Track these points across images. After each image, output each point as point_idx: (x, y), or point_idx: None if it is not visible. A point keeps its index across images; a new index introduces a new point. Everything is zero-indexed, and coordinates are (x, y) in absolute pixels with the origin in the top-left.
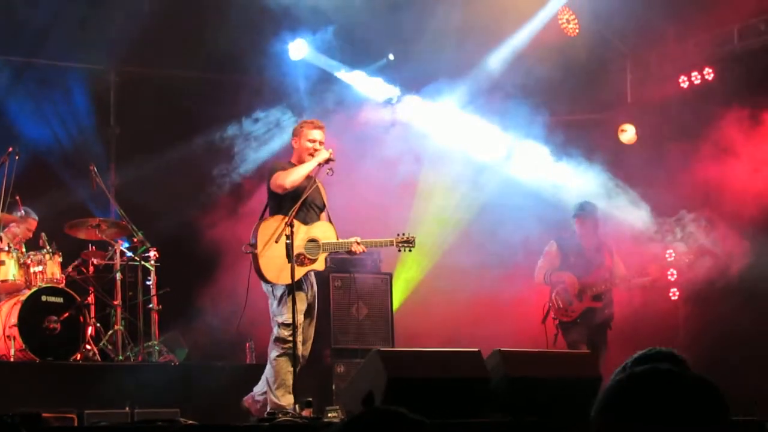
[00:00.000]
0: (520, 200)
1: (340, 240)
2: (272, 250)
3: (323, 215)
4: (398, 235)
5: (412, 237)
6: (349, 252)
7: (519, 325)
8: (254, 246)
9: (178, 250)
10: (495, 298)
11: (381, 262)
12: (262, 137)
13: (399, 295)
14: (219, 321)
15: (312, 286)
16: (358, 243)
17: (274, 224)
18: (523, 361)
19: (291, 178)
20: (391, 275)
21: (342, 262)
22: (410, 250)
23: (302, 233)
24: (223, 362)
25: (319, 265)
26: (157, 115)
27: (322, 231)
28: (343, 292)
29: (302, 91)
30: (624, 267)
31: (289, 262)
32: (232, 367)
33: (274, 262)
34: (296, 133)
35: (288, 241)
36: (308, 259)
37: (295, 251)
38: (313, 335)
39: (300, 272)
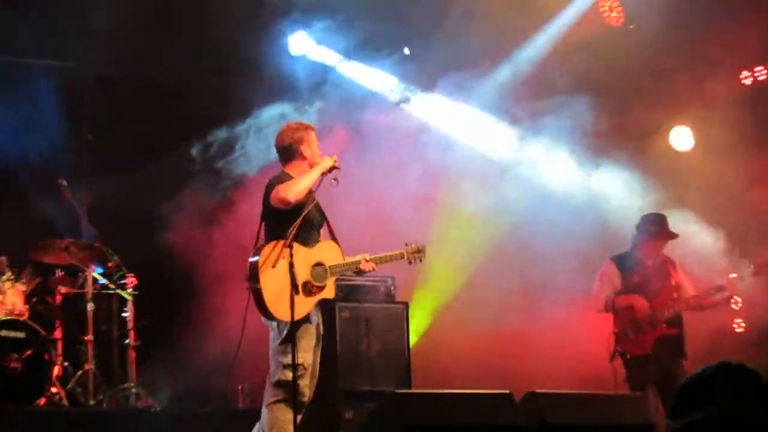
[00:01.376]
0: (556, 214)
1: (348, 260)
2: (276, 282)
3: (321, 232)
4: (406, 245)
5: (422, 245)
6: (358, 272)
7: (558, 361)
8: (255, 280)
9: (159, 277)
10: (529, 330)
11: (396, 289)
12: (259, 144)
13: (417, 327)
14: (207, 359)
15: (319, 317)
16: (366, 260)
17: (273, 251)
18: (563, 405)
19: (295, 189)
20: (407, 304)
21: (350, 289)
22: (421, 261)
23: (304, 257)
24: (212, 407)
25: (329, 293)
26: (137, 121)
27: (326, 252)
28: (352, 324)
29: (303, 90)
30: (691, 285)
31: (295, 291)
32: (222, 412)
33: (281, 297)
34: (301, 140)
35: (291, 269)
36: (316, 286)
37: (300, 279)
38: (316, 376)
39: (309, 304)
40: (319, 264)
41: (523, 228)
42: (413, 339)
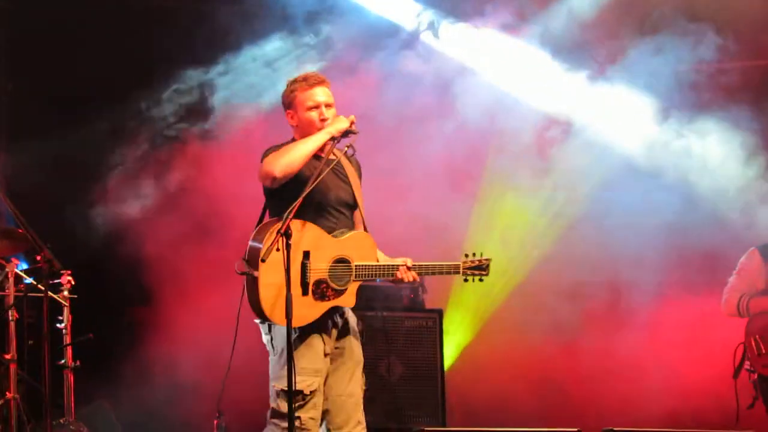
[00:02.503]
0: (639, 194)
1: (384, 261)
2: (280, 273)
3: (357, 218)
4: (465, 256)
5: (486, 260)
6: (395, 280)
7: (641, 389)
8: (251, 265)
9: (105, 274)
10: (601, 346)
11: (425, 293)
12: (239, 94)
13: (454, 344)
14: (169, 384)
15: (344, 326)
16: (408, 267)
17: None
18: None
19: (282, 161)
20: (440, 313)
21: (365, 293)
22: (482, 280)
23: (324, 247)
24: None
25: (348, 300)
26: (74, 64)
27: (356, 246)
28: (367, 339)
29: (298, 20)
30: None
31: (303, 290)
32: None
33: (282, 293)
34: (288, 103)
35: (288, 261)
36: (332, 289)
37: (315, 275)
38: (357, 413)
39: (318, 310)
40: (342, 260)
41: (594, 212)
42: (448, 359)
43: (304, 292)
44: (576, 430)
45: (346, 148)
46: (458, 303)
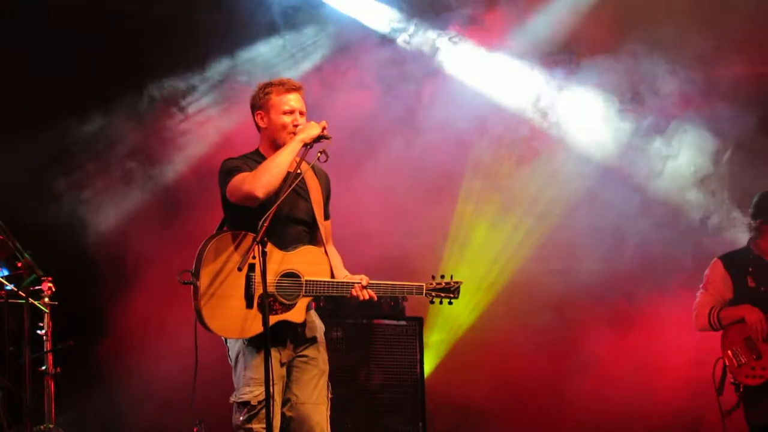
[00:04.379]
0: (623, 200)
1: (338, 279)
2: (223, 283)
3: (322, 233)
4: (432, 278)
5: (456, 283)
6: (351, 297)
7: (626, 400)
8: (196, 275)
9: (86, 281)
10: (585, 357)
11: (405, 301)
12: (217, 102)
13: (435, 352)
14: (148, 390)
15: (306, 335)
16: (363, 286)
17: (232, 243)
18: None
19: (263, 180)
20: (421, 322)
21: (344, 301)
22: (451, 303)
23: (274, 263)
24: None
25: (296, 315)
26: (53, 55)
27: (307, 260)
28: (348, 347)
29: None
30: None
31: (248, 304)
32: None
33: (223, 304)
34: (260, 104)
35: (264, 272)
36: (279, 303)
37: (259, 289)
38: (322, 422)
39: (258, 325)
40: (291, 274)
41: (577, 218)
42: (428, 367)
43: (248, 305)
44: None
45: (318, 155)
46: (439, 311)
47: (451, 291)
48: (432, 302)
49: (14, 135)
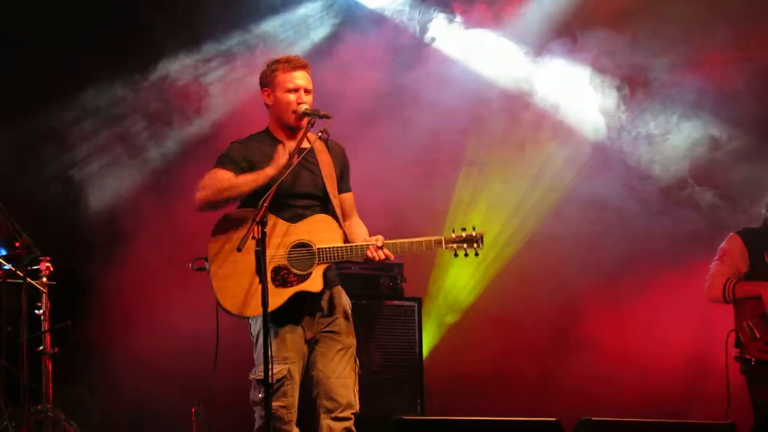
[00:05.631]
0: (627, 179)
1: (350, 243)
2: (233, 262)
3: (343, 205)
4: (453, 232)
5: (479, 234)
6: (366, 260)
7: (626, 378)
8: (209, 258)
9: (85, 260)
10: (585, 334)
11: (404, 281)
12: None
13: (433, 333)
14: (147, 370)
15: (332, 309)
16: (378, 246)
17: (238, 222)
18: None
19: (212, 196)
20: (420, 302)
21: (344, 281)
22: (477, 254)
23: (281, 235)
24: None
25: (313, 284)
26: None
27: (316, 229)
28: None
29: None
30: None
31: (260, 280)
32: None
33: (235, 282)
34: (267, 82)
35: (263, 251)
36: (293, 274)
37: (272, 263)
38: (347, 396)
39: (280, 297)
40: (302, 245)
41: (581, 195)
42: (427, 348)
43: (261, 281)
44: (555, 419)
45: (319, 134)
46: (437, 291)
47: (474, 240)
48: (456, 255)
49: (9, 112)
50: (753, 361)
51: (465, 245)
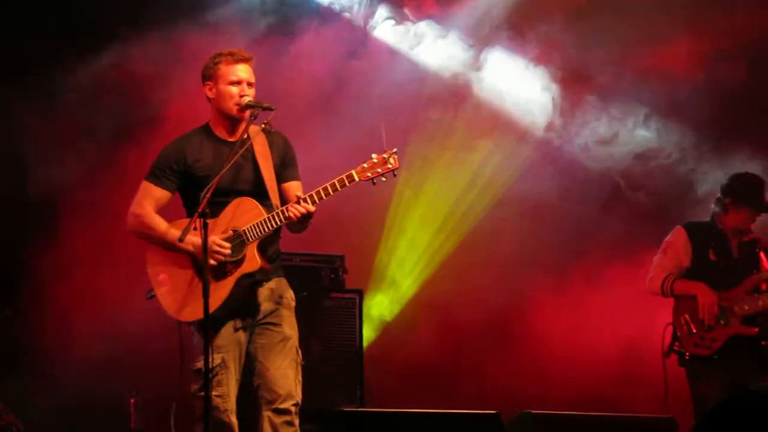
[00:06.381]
0: (568, 174)
1: (273, 213)
2: (174, 275)
3: (269, 201)
4: (365, 162)
5: (389, 153)
6: (291, 223)
7: (566, 372)
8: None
9: (20, 246)
10: (527, 327)
11: (345, 273)
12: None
13: (375, 325)
14: (90, 360)
15: (272, 301)
16: (298, 201)
17: (175, 226)
18: (566, 430)
19: (137, 230)
20: (361, 294)
21: (285, 273)
22: (395, 174)
23: (210, 232)
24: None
25: (250, 264)
26: None
27: (239, 213)
28: None
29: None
30: None
31: (200, 277)
32: None
33: (181, 293)
34: (209, 75)
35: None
36: (230, 263)
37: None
38: (287, 387)
39: (224, 289)
40: (230, 233)
41: (523, 190)
42: (368, 339)
43: (203, 276)
44: (494, 412)
45: (262, 125)
46: (379, 283)
47: (385, 162)
48: (374, 183)
49: None
50: (687, 356)
51: (379, 170)
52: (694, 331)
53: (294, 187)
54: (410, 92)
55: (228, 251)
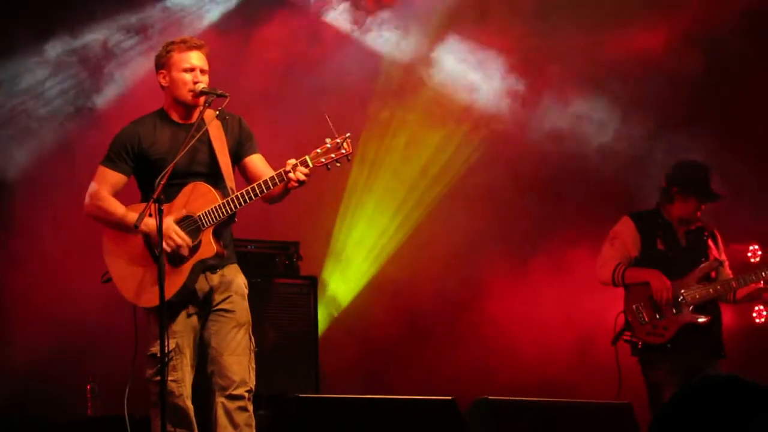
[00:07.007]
0: (524, 161)
1: (227, 199)
2: (130, 261)
3: (223, 183)
4: (319, 147)
5: (341, 138)
6: (271, 192)
7: (522, 356)
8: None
9: None
10: (484, 312)
11: (300, 260)
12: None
13: (329, 311)
14: (42, 346)
15: (224, 287)
16: (296, 166)
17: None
18: (524, 416)
19: (94, 212)
20: (315, 281)
21: (239, 260)
22: (349, 159)
23: (164, 216)
24: (47, 415)
25: (206, 250)
26: None
27: (192, 198)
28: None
29: None
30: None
31: (154, 261)
32: (64, 423)
33: (137, 280)
34: (162, 63)
35: (160, 232)
36: (186, 249)
37: (156, 249)
38: (240, 373)
39: (181, 275)
40: (184, 218)
41: (475, 175)
42: (322, 325)
43: (158, 261)
44: (449, 398)
45: (216, 112)
46: (333, 270)
47: (339, 147)
48: (329, 168)
49: None
50: (640, 344)
51: (333, 155)
52: (647, 319)
53: (256, 160)
54: (365, 80)
55: (187, 243)
